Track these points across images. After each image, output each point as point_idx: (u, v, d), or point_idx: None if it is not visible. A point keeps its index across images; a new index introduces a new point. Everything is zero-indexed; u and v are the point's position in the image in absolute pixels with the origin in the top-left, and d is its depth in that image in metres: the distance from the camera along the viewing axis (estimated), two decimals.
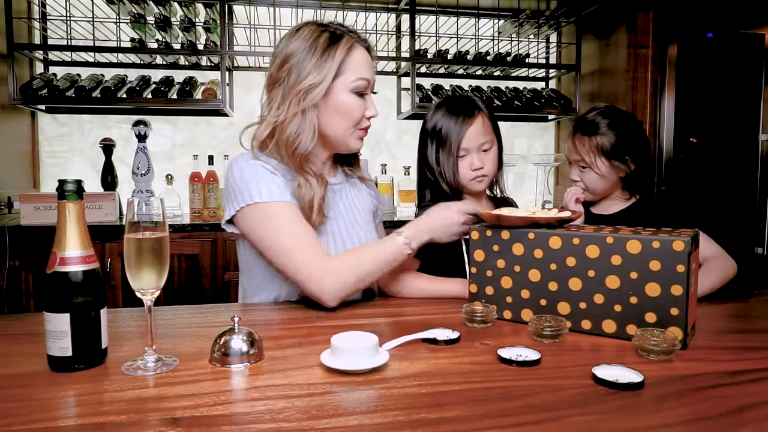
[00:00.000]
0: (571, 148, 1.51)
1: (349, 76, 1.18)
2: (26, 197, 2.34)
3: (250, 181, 1.14)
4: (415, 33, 2.82)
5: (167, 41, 2.65)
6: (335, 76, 1.16)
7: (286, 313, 1.13)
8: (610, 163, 1.45)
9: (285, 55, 1.19)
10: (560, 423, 0.63)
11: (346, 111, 1.19)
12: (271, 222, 1.13)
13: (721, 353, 0.87)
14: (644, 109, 2.62)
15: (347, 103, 1.19)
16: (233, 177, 1.17)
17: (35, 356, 0.83)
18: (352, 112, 1.19)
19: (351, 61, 1.18)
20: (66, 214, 0.79)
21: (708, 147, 2.64)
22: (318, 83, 1.15)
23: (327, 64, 1.15)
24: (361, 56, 1.20)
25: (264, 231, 1.13)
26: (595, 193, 1.51)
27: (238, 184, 1.16)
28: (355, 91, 1.19)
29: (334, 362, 0.78)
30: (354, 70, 1.18)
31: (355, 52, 1.19)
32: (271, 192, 1.14)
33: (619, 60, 2.67)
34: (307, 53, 1.16)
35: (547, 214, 1.05)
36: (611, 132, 1.44)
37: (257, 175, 1.15)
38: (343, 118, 1.20)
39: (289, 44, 1.19)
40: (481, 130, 1.36)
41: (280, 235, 1.12)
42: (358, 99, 1.20)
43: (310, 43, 1.17)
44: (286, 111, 1.16)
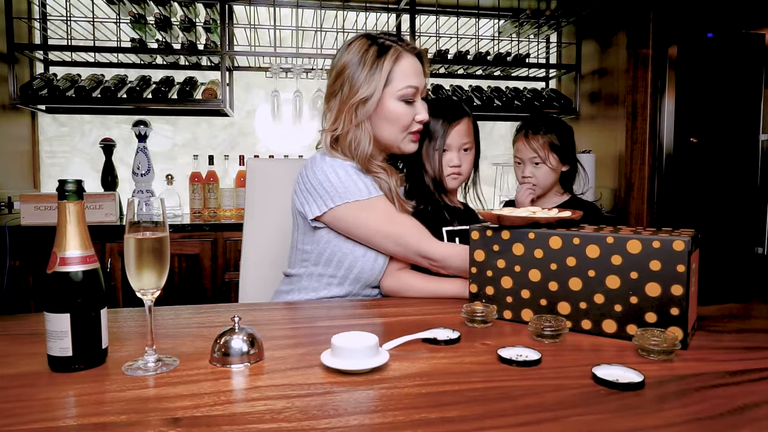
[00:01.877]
0: (524, 146, 1.65)
1: (397, 85, 1.24)
2: (26, 197, 2.34)
3: (346, 179, 1.23)
4: (415, 33, 2.83)
5: (167, 41, 2.65)
6: (384, 86, 1.23)
7: (286, 313, 1.13)
8: (558, 158, 1.64)
9: (339, 68, 1.27)
10: (560, 423, 0.63)
11: (394, 118, 1.25)
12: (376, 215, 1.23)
13: (721, 353, 0.87)
14: (644, 109, 2.62)
15: (395, 110, 1.25)
16: (324, 175, 1.24)
17: (36, 356, 0.83)
18: (401, 118, 1.26)
19: (398, 71, 1.24)
20: (66, 214, 0.79)
21: (708, 147, 2.64)
22: (369, 96, 1.23)
23: (375, 76, 1.22)
24: (408, 64, 1.26)
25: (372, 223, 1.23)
26: (544, 188, 1.67)
27: (331, 182, 1.23)
28: (403, 98, 1.25)
29: (334, 362, 0.78)
30: (401, 79, 1.24)
31: (402, 61, 1.25)
32: (368, 189, 1.24)
33: (619, 60, 2.67)
34: (357, 67, 1.24)
35: (547, 214, 1.05)
36: (553, 131, 1.64)
37: (350, 174, 1.24)
38: (393, 125, 1.26)
39: (342, 58, 1.27)
40: (465, 131, 1.43)
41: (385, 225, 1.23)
42: (405, 106, 1.26)
43: (360, 57, 1.24)
44: (342, 123, 1.25)
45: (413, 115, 1.27)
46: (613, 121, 2.74)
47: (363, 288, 1.30)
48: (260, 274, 1.62)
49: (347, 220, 1.23)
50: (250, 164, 1.67)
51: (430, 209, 1.41)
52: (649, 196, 2.66)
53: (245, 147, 3.01)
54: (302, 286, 1.31)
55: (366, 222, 1.23)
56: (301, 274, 1.31)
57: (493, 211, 1.08)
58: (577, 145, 2.95)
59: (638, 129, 2.63)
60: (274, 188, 1.65)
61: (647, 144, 2.63)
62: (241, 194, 2.77)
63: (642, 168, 2.64)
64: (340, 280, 1.29)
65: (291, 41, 2.89)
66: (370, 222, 1.23)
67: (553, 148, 1.62)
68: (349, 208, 1.22)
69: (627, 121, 2.62)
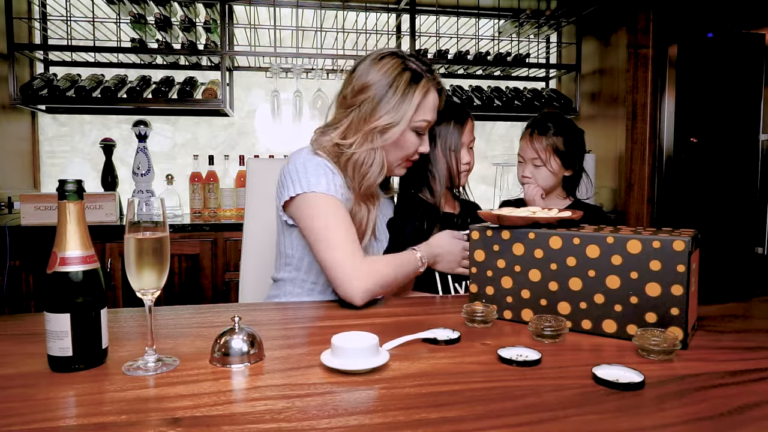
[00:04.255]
0: (527, 146, 1.62)
1: (416, 116, 1.24)
2: (26, 197, 2.34)
3: (311, 172, 1.19)
4: (416, 33, 2.83)
5: (167, 41, 2.65)
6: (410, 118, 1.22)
7: (286, 313, 1.13)
8: (561, 163, 1.60)
9: (364, 83, 1.23)
10: (560, 423, 0.63)
11: (403, 146, 1.26)
12: (325, 214, 1.17)
13: (721, 353, 0.87)
14: (644, 109, 2.62)
15: (407, 140, 1.25)
16: (294, 166, 1.21)
17: (36, 356, 0.83)
18: (409, 148, 1.27)
19: (424, 104, 1.24)
20: (66, 214, 0.79)
21: (708, 147, 2.64)
22: (396, 123, 1.21)
23: (404, 106, 1.21)
24: (433, 100, 1.27)
25: (316, 221, 1.17)
26: (544, 190, 1.65)
27: (299, 173, 1.20)
28: (416, 130, 1.25)
29: (334, 362, 0.78)
30: (422, 112, 1.24)
31: (429, 95, 1.25)
32: (329, 186, 1.19)
33: (620, 60, 2.67)
34: (387, 89, 1.21)
35: (547, 214, 1.05)
36: (561, 135, 1.59)
37: (319, 169, 1.20)
38: (399, 151, 1.27)
39: (370, 73, 1.23)
40: (471, 129, 1.48)
41: (330, 228, 1.16)
42: (415, 137, 1.27)
43: (391, 80, 1.21)
44: (358, 142, 1.22)
45: (418, 146, 1.28)
46: (613, 121, 2.74)
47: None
48: (260, 274, 1.62)
49: (299, 212, 1.19)
50: (250, 164, 1.67)
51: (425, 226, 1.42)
52: (649, 196, 2.66)
53: (245, 147, 3.01)
54: (287, 291, 1.30)
55: (309, 216, 1.18)
56: (286, 278, 1.30)
57: (493, 211, 1.08)
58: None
59: (638, 129, 2.63)
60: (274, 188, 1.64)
61: (647, 144, 2.63)
62: (241, 194, 2.77)
63: (642, 168, 2.64)
64: (322, 288, 1.28)
65: (291, 41, 2.89)
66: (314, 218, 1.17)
67: (556, 151, 1.58)
68: (303, 199, 1.18)
69: (627, 121, 2.62)
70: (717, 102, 2.63)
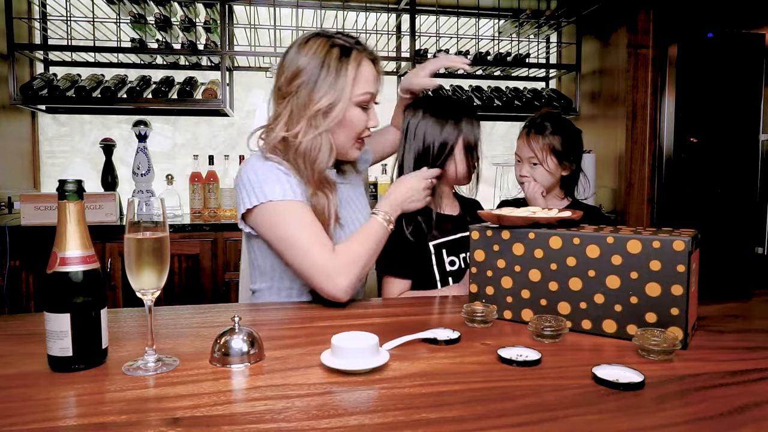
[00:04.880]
0: (524, 145, 1.62)
1: (356, 91, 1.19)
2: (26, 197, 2.34)
3: (264, 180, 1.16)
4: (416, 33, 2.82)
5: (167, 41, 2.65)
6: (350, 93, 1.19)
7: (286, 313, 1.13)
8: (557, 162, 1.59)
9: (295, 69, 1.19)
10: (560, 423, 0.63)
11: (350, 124, 1.21)
12: (286, 220, 1.14)
13: (721, 353, 0.87)
14: (644, 109, 2.62)
15: (352, 116, 1.20)
16: (247, 176, 1.18)
17: (36, 356, 0.83)
18: (356, 125, 1.22)
19: (359, 77, 1.20)
20: (66, 214, 0.79)
21: (708, 147, 2.64)
22: (337, 102, 1.17)
23: (340, 83, 1.17)
24: (368, 70, 1.22)
25: (279, 229, 1.15)
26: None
27: (252, 183, 1.17)
28: (360, 104, 1.21)
29: (334, 362, 0.78)
30: (360, 85, 1.20)
31: (363, 67, 1.21)
32: (284, 191, 1.15)
33: (620, 60, 2.67)
34: (318, 70, 1.17)
35: (547, 214, 1.05)
36: (558, 134, 1.59)
37: (271, 175, 1.17)
38: (347, 131, 1.22)
39: (299, 58, 1.19)
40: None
41: (295, 233, 1.13)
42: (361, 112, 1.22)
43: (321, 60, 1.17)
44: (302, 130, 1.18)
45: (366, 121, 1.24)
46: (613, 121, 2.74)
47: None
48: None
49: (260, 223, 1.17)
50: None
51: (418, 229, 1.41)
52: (649, 196, 2.66)
53: (245, 147, 3.01)
54: (266, 300, 1.28)
55: (271, 227, 1.15)
56: (263, 288, 1.29)
57: (493, 211, 1.08)
58: None
59: (638, 129, 2.63)
60: None
61: (647, 144, 2.63)
62: None
63: (642, 168, 2.64)
64: (299, 292, 1.27)
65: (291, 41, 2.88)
66: (276, 228, 1.15)
67: (553, 151, 1.57)
68: (261, 210, 1.15)
69: (627, 121, 2.62)
70: (717, 102, 2.63)
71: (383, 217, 1.23)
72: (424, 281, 1.40)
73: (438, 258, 1.41)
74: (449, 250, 1.42)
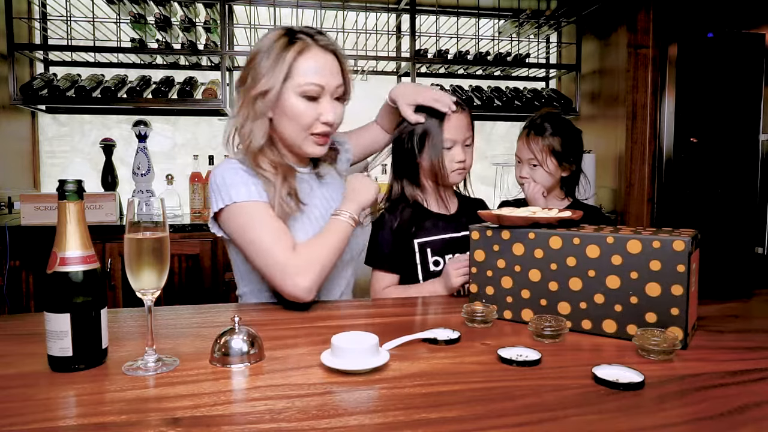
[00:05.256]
0: (524, 146, 1.61)
1: (298, 80, 1.16)
2: (26, 197, 2.34)
3: (229, 182, 1.16)
4: (416, 33, 2.82)
5: (167, 41, 2.65)
6: (285, 79, 1.16)
7: (286, 313, 1.13)
8: (557, 163, 1.59)
9: (249, 58, 1.21)
10: (560, 423, 0.63)
11: (294, 115, 1.18)
12: (247, 220, 1.15)
13: (721, 353, 0.87)
14: (644, 109, 2.62)
15: (295, 107, 1.17)
16: (215, 180, 1.19)
17: (36, 356, 0.83)
18: (301, 116, 1.18)
19: (301, 65, 1.16)
20: (66, 214, 0.79)
21: (708, 147, 2.64)
22: (270, 88, 1.16)
23: (277, 69, 1.16)
24: (314, 60, 1.17)
25: (244, 230, 1.15)
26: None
27: (219, 186, 1.18)
28: (305, 95, 1.17)
29: (334, 362, 0.78)
30: (304, 74, 1.16)
31: (307, 55, 1.17)
32: (249, 192, 1.15)
33: (620, 60, 2.67)
34: (264, 57, 1.17)
35: (547, 214, 1.05)
36: (558, 135, 1.58)
37: (237, 177, 1.17)
38: (294, 123, 1.19)
39: (255, 48, 1.21)
40: (466, 125, 1.42)
41: (258, 232, 1.13)
42: (307, 103, 1.18)
43: (267, 47, 1.18)
44: (243, 114, 1.19)
45: (317, 115, 1.18)
46: (613, 121, 2.74)
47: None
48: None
49: (228, 225, 1.18)
50: None
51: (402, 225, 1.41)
52: (649, 196, 2.66)
53: None
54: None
55: (237, 228, 1.16)
56: (247, 292, 1.29)
57: (493, 211, 1.08)
58: None
59: (638, 129, 2.63)
60: None
61: (647, 144, 2.63)
62: None
63: (642, 168, 2.64)
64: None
65: None
66: (241, 229, 1.15)
67: (553, 152, 1.57)
68: (228, 212, 1.16)
69: (627, 121, 2.62)
70: (717, 102, 2.63)
71: (347, 217, 1.20)
72: (409, 278, 1.41)
73: (422, 257, 1.41)
74: (434, 250, 1.41)
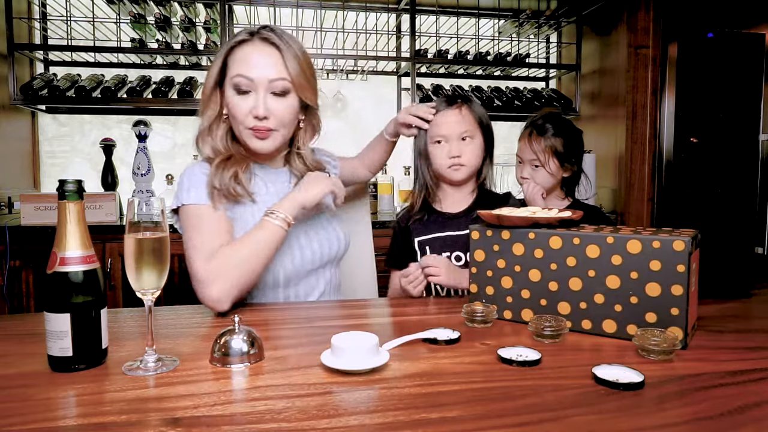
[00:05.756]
0: (526, 147, 1.61)
1: (230, 73, 1.18)
2: (26, 197, 2.34)
3: (185, 184, 1.19)
4: (416, 33, 2.82)
5: (167, 41, 2.65)
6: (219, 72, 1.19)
7: (286, 313, 1.13)
8: (559, 164, 1.59)
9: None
10: (561, 423, 0.63)
11: (230, 108, 1.20)
12: (186, 225, 1.16)
13: (721, 353, 0.87)
14: (644, 109, 2.62)
15: (229, 99, 1.19)
16: (179, 180, 1.23)
17: (36, 356, 0.83)
18: (233, 109, 1.18)
19: (233, 58, 1.18)
20: (66, 214, 0.79)
21: (708, 147, 2.64)
22: (208, 80, 1.20)
23: (215, 63, 1.20)
24: (246, 53, 1.17)
25: (183, 232, 1.18)
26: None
27: (178, 186, 1.21)
28: (236, 87, 1.17)
29: (334, 362, 0.78)
30: (234, 67, 1.17)
31: (241, 48, 1.18)
32: (198, 195, 1.17)
33: (620, 60, 2.67)
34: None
35: (547, 214, 1.05)
36: (560, 136, 1.58)
37: (194, 178, 1.19)
38: (232, 117, 1.20)
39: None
40: (459, 120, 1.41)
41: (187, 236, 1.15)
42: (237, 96, 1.17)
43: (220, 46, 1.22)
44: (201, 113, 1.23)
45: (249, 108, 1.16)
46: (613, 121, 2.74)
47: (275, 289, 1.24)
48: None
49: (180, 227, 1.20)
50: None
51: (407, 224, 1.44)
52: (649, 196, 2.66)
53: None
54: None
55: (181, 229, 1.19)
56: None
57: (493, 212, 1.08)
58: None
59: (638, 129, 2.63)
60: None
61: (647, 144, 2.63)
62: None
63: (642, 168, 2.64)
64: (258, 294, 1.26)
65: None
66: (182, 231, 1.18)
67: (555, 153, 1.57)
68: (180, 213, 1.19)
69: (627, 121, 2.62)
70: (717, 102, 2.63)
71: (276, 217, 1.13)
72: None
73: (423, 255, 1.42)
74: (433, 248, 1.42)
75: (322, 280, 1.31)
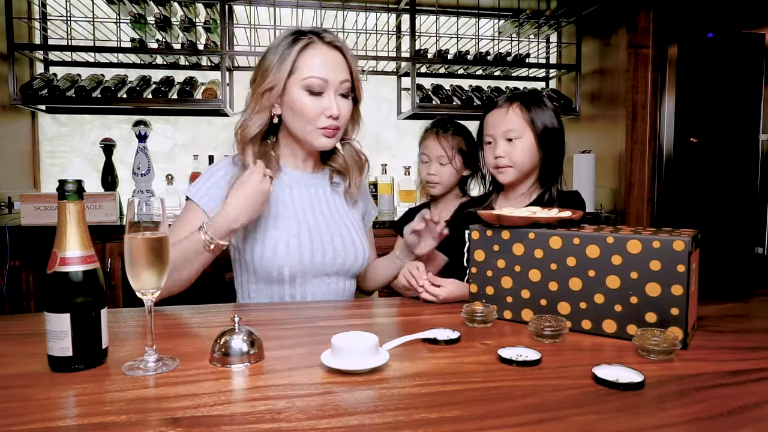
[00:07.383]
0: (435, 144, 1.73)
1: (301, 74, 1.20)
2: (26, 197, 2.34)
3: (202, 176, 1.26)
4: (416, 33, 2.82)
5: (167, 41, 2.65)
6: (289, 74, 1.20)
7: (286, 313, 1.13)
8: (463, 162, 1.73)
9: (260, 60, 1.26)
10: (561, 423, 0.63)
11: (299, 109, 1.21)
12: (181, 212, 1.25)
13: (721, 353, 0.87)
14: (644, 109, 2.62)
15: (300, 101, 1.21)
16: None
17: (36, 356, 0.83)
18: (305, 110, 1.20)
19: (304, 59, 1.20)
20: (66, 214, 0.79)
21: (708, 147, 2.64)
22: (276, 83, 1.20)
23: (283, 65, 1.20)
24: (316, 55, 1.21)
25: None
26: (446, 188, 1.76)
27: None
28: (308, 89, 1.20)
29: (334, 362, 0.78)
30: (306, 68, 1.20)
31: (311, 51, 1.21)
32: (199, 192, 1.23)
33: (620, 60, 2.67)
34: (271, 54, 1.22)
35: (547, 214, 1.05)
36: (461, 135, 1.75)
37: (209, 173, 1.26)
38: (299, 116, 1.22)
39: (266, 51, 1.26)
40: (504, 119, 1.36)
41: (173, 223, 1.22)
42: (310, 97, 1.20)
43: (275, 45, 1.22)
44: (250, 108, 1.25)
45: (321, 109, 1.20)
46: (613, 121, 2.74)
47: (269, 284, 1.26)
48: None
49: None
50: None
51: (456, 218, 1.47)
52: (649, 196, 2.65)
53: None
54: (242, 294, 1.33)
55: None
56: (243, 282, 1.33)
57: (493, 212, 1.08)
58: (577, 145, 2.95)
59: (638, 129, 2.63)
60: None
61: (647, 144, 2.63)
62: None
63: (642, 168, 2.64)
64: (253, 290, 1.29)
65: None
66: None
67: (461, 150, 1.72)
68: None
69: (627, 121, 2.62)
70: (717, 102, 2.63)
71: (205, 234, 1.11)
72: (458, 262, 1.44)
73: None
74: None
75: (333, 289, 1.30)
